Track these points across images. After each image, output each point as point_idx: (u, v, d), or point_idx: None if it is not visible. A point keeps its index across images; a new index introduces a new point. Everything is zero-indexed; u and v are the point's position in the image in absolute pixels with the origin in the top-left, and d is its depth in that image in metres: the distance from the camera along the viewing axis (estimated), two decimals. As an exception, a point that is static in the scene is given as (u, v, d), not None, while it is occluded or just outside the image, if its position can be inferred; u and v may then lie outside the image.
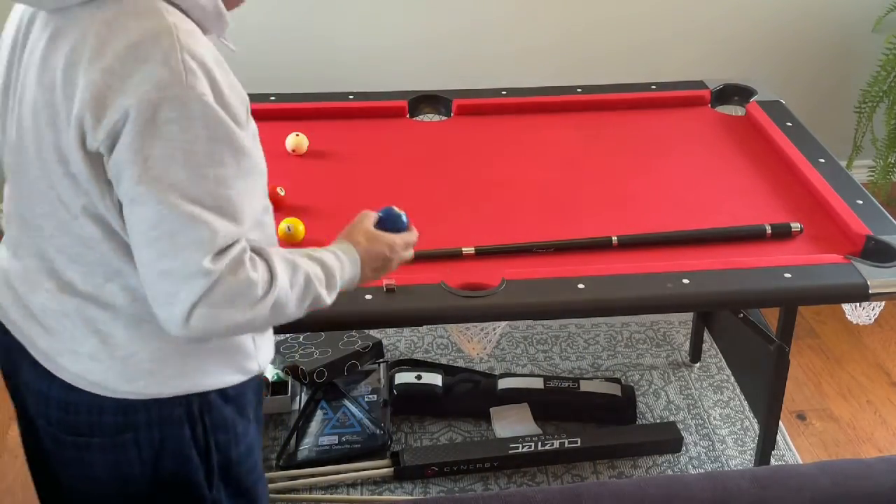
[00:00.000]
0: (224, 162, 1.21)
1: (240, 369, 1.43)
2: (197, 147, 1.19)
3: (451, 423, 2.66)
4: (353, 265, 1.47)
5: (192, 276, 1.20)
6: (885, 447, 2.64)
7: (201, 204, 1.19)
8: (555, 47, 3.36)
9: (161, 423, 1.38)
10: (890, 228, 2.03)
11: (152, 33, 1.18)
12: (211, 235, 1.20)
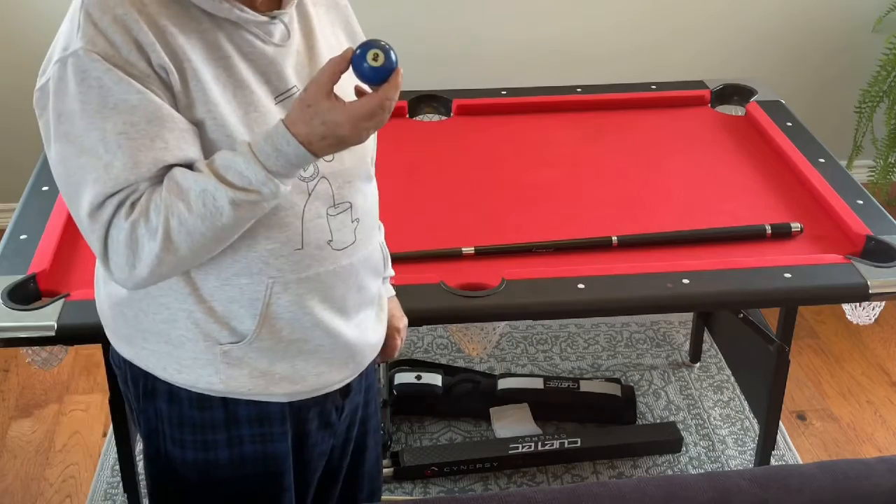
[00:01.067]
0: (115, 112, 1.19)
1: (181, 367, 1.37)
2: (90, 98, 1.19)
3: (451, 424, 2.66)
4: (277, 139, 1.21)
5: (89, 236, 1.24)
6: (885, 447, 2.64)
7: (92, 155, 1.20)
8: (555, 47, 3.36)
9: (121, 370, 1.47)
10: (890, 228, 2.03)
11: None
12: (95, 190, 1.21)
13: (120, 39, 1.18)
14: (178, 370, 1.36)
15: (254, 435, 1.42)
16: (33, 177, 2.20)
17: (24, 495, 2.45)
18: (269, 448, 1.43)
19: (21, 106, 3.25)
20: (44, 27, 3.15)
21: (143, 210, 1.20)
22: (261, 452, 1.43)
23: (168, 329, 1.34)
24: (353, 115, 1.21)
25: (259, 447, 1.43)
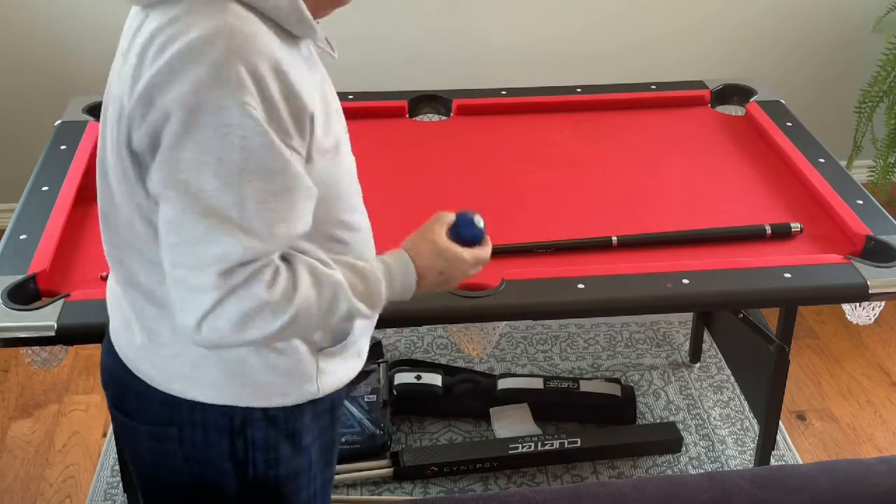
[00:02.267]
0: (257, 177, 1.15)
1: (290, 392, 1.38)
2: (231, 157, 1.13)
3: (451, 424, 2.66)
4: (407, 279, 1.37)
5: (202, 290, 1.16)
6: (885, 447, 2.64)
7: (224, 217, 1.14)
8: (555, 47, 3.36)
9: (205, 426, 1.37)
10: (890, 228, 2.03)
11: (207, 34, 1.13)
12: (226, 252, 1.15)
13: (277, 93, 1.14)
14: (284, 394, 1.38)
15: (324, 427, 1.47)
16: (33, 177, 2.20)
17: (23, 495, 2.45)
18: (333, 435, 1.51)
19: (21, 107, 3.26)
20: (43, 29, 3.15)
21: (281, 294, 1.19)
22: (331, 440, 1.50)
23: (277, 359, 1.35)
24: (475, 259, 1.47)
25: (329, 436, 1.49)
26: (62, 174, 2.19)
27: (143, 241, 1.28)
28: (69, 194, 2.13)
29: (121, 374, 1.40)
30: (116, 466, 2.32)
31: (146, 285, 1.32)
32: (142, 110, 1.16)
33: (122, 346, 1.39)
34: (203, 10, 1.16)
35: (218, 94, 1.12)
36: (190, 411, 1.36)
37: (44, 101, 3.14)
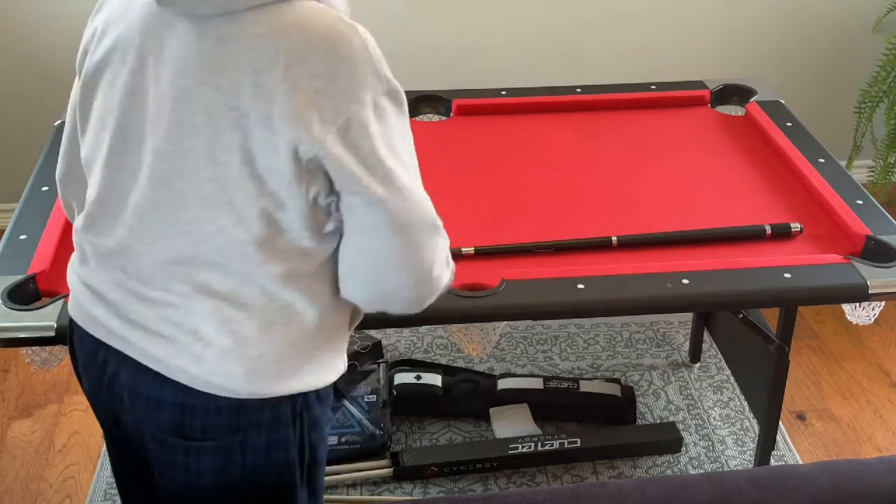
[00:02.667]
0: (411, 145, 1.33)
1: (334, 368, 1.44)
2: (405, 131, 1.30)
3: (451, 424, 2.66)
4: None
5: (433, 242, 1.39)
6: (885, 447, 2.64)
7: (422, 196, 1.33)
8: (555, 47, 3.36)
9: (269, 425, 1.39)
10: (890, 228, 2.03)
11: (341, 33, 1.24)
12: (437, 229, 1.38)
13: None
14: (332, 369, 1.43)
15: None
16: (33, 177, 2.20)
17: (23, 495, 2.45)
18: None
19: (21, 107, 3.26)
20: (44, 29, 3.15)
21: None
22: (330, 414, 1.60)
23: (336, 337, 1.42)
24: None
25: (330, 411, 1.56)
26: (62, 174, 2.19)
27: (241, 247, 1.28)
28: (69, 194, 2.12)
29: (179, 398, 1.36)
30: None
31: (222, 291, 1.31)
32: (307, 116, 1.22)
33: (184, 367, 1.34)
34: (317, 14, 1.27)
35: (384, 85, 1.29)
36: (258, 412, 1.37)
37: (44, 101, 3.14)
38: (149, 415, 1.40)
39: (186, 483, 1.42)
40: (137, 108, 1.30)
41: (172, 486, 1.45)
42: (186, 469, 1.41)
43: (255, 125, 1.21)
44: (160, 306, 1.35)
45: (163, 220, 1.31)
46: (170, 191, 1.29)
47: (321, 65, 1.20)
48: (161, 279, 1.34)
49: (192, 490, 1.43)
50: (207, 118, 1.23)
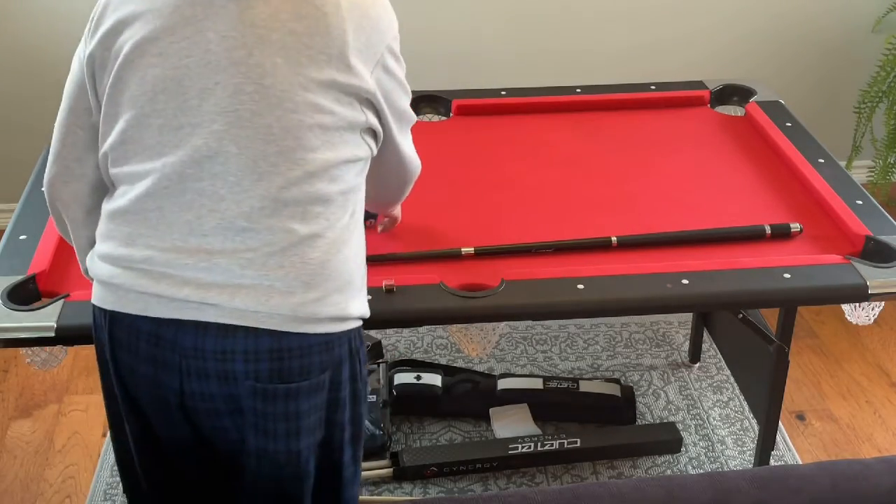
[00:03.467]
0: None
1: (364, 300, 1.54)
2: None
3: (451, 424, 2.66)
4: None
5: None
6: (885, 447, 2.64)
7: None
8: (555, 47, 3.36)
9: (343, 362, 1.47)
10: (889, 228, 2.03)
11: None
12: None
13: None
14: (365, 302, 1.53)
15: None
16: (33, 177, 2.20)
17: (23, 495, 2.45)
18: None
19: (21, 106, 3.26)
20: (43, 30, 3.15)
21: None
22: None
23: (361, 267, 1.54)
24: None
25: None
26: (62, 174, 2.19)
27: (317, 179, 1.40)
28: (69, 194, 2.12)
29: (276, 344, 1.40)
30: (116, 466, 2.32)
31: (303, 230, 1.39)
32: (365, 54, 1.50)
33: (273, 310, 1.38)
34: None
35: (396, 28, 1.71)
36: (339, 348, 1.45)
37: (44, 101, 3.14)
38: (247, 369, 1.41)
39: (286, 430, 1.46)
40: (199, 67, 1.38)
41: (270, 442, 1.46)
42: (286, 416, 1.44)
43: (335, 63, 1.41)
44: (236, 255, 1.39)
45: (251, 159, 1.38)
46: (255, 128, 1.37)
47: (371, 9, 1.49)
48: (249, 224, 1.39)
49: (291, 435, 1.46)
50: (286, 59, 1.37)
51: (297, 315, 1.39)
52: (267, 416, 1.45)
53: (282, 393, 1.43)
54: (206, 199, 1.39)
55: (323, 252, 1.41)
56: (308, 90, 1.38)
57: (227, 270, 1.39)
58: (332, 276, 1.43)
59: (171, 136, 1.39)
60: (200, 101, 1.38)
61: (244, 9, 1.37)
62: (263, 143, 1.37)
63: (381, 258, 1.98)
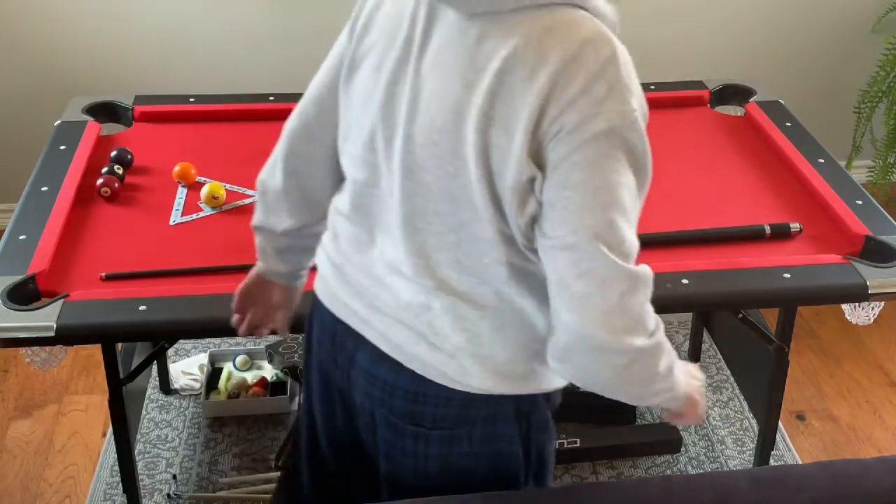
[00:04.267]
0: (629, 180, 1.23)
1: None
2: (621, 160, 1.20)
3: (451, 424, 2.66)
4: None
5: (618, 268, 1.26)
6: (885, 447, 2.64)
7: (629, 217, 1.22)
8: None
9: (494, 420, 1.41)
10: (889, 228, 2.03)
11: (595, 45, 1.18)
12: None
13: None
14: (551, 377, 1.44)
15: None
16: (33, 177, 2.20)
17: (23, 495, 2.45)
18: None
19: (21, 107, 3.26)
20: (44, 29, 3.15)
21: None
22: None
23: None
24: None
25: None
26: (62, 174, 2.19)
27: (479, 245, 1.29)
28: (69, 194, 2.13)
29: (412, 385, 1.39)
30: (116, 467, 2.32)
31: (460, 289, 1.33)
32: (538, 120, 1.19)
33: (419, 355, 1.37)
34: (577, 21, 1.21)
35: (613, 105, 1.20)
36: (486, 407, 1.39)
37: (44, 101, 3.14)
38: (383, 399, 1.42)
39: (413, 467, 1.45)
40: (397, 96, 1.31)
41: (398, 470, 1.47)
42: (415, 454, 1.44)
43: (493, 125, 1.21)
44: (400, 297, 1.37)
45: (409, 212, 1.33)
46: (417, 182, 1.30)
47: (562, 73, 1.16)
48: (407, 271, 1.36)
49: (418, 474, 1.45)
50: (455, 114, 1.24)
51: (437, 367, 1.37)
52: (396, 448, 1.45)
53: (411, 433, 1.42)
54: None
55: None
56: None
57: (393, 305, 1.39)
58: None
59: (371, 156, 1.39)
60: (392, 133, 1.36)
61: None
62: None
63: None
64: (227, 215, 2.15)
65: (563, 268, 1.21)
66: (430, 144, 1.26)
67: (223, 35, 3.17)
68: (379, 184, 1.36)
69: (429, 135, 1.26)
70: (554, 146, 1.18)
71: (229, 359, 2.79)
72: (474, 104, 1.21)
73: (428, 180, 1.28)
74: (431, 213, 1.30)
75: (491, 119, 1.20)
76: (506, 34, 1.19)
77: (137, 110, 2.52)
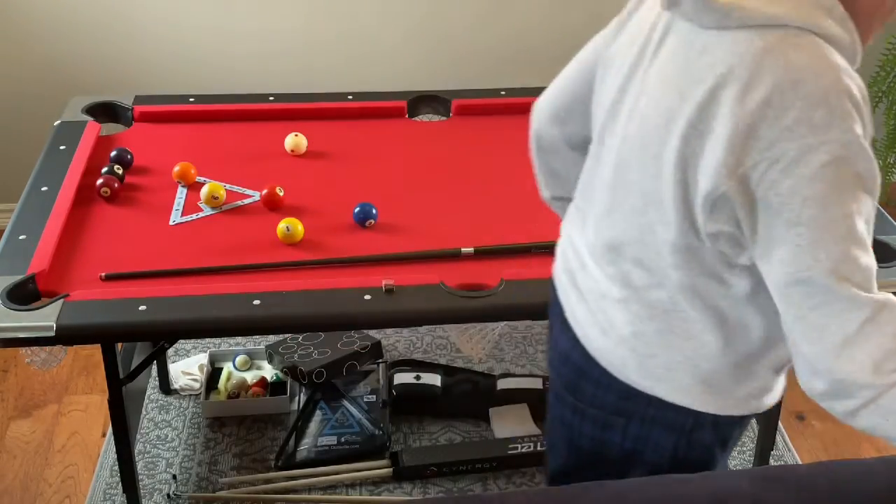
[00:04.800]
0: (860, 205, 1.18)
1: (745, 405, 1.44)
2: (850, 189, 1.16)
3: (450, 424, 2.66)
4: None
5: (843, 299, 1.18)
6: (885, 447, 2.64)
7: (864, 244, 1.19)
8: (554, 47, 3.35)
9: (653, 422, 1.44)
10: (889, 228, 2.03)
11: (815, 70, 1.14)
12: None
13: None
14: (739, 406, 1.44)
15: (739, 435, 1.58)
16: (33, 177, 2.20)
17: (23, 495, 2.45)
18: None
19: (21, 107, 3.26)
20: (44, 29, 3.15)
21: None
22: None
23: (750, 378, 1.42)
24: None
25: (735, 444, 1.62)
26: (61, 174, 2.19)
27: (659, 250, 1.32)
28: (68, 194, 2.13)
29: (581, 361, 1.46)
30: (115, 467, 2.32)
31: (637, 286, 1.37)
32: (746, 141, 1.17)
33: (591, 336, 1.44)
34: (800, 44, 1.17)
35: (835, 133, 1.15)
36: (645, 405, 1.42)
37: (44, 101, 3.14)
38: (558, 367, 1.53)
39: (568, 437, 1.54)
40: (626, 97, 1.36)
41: (556, 436, 1.59)
42: (571, 425, 1.52)
43: (698, 136, 1.22)
44: (592, 279, 1.44)
45: (611, 204, 1.38)
46: (622, 178, 1.35)
47: (777, 96, 1.14)
48: (599, 258, 1.42)
49: (572, 446, 1.55)
50: (665, 120, 1.26)
51: (603, 352, 1.43)
52: (557, 415, 1.57)
53: (570, 404, 1.51)
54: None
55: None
56: None
57: (584, 286, 1.47)
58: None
59: (599, 149, 1.45)
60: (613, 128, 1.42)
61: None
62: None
63: (381, 258, 1.98)
64: (227, 215, 2.15)
65: (799, 301, 1.18)
66: (640, 146, 1.31)
67: (223, 35, 3.17)
68: (597, 174, 1.42)
69: (640, 137, 1.31)
70: (773, 175, 1.16)
71: (229, 359, 2.79)
72: (684, 114, 1.23)
73: (631, 178, 1.33)
74: (628, 209, 1.35)
75: (697, 130, 1.21)
76: (725, 50, 1.20)
77: (137, 110, 2.52)
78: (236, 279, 1.94)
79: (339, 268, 1.98)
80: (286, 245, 2.04)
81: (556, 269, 1.56)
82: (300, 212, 2.13)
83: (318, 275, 1.95)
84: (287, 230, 2.03)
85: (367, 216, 2.08)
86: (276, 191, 2.15)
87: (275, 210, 2.15)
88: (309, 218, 2.10)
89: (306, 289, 1.89)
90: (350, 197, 2.15)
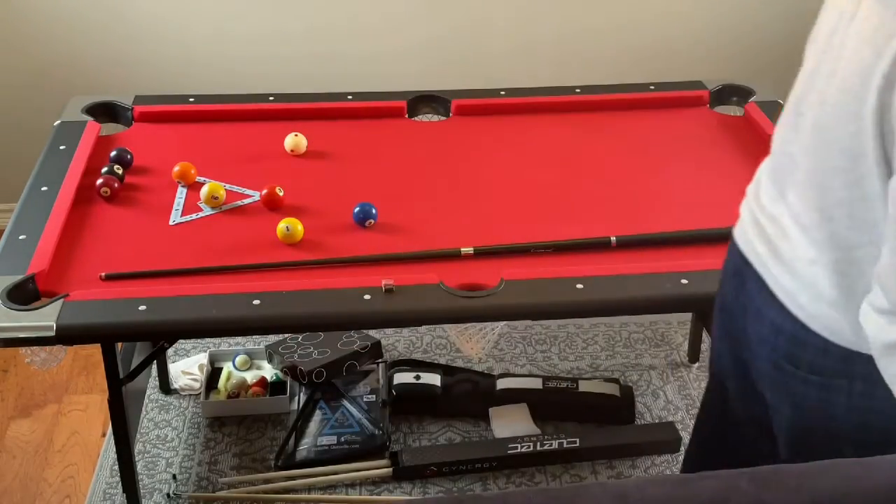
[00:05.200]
0: None
1: None
2: None
3: (450, 424, 2.66)
4: None
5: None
6: (884, 447, 2.64)
7: None
8: (554, 47, 3.36)
9: (875, 380, 1.43)
10: (889, 228, 2.03)
11: None
12: None
13: None
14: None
15: None
16: (33, 177, 2.20)
17: (23, 495, 2.45)
18: None
19: (21, 106, 3.26)
20: (44, 29, 3.15)
21: None
22: None
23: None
24: None
25: None
26: (61, 174, 2.19)
27: (870, 203, 1.34)
28: (68, 194, 2.13)
29: (795, 331, 1.48)
30: (115, 466, 2.32)
31: (847, 246, 1.39)
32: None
33: (803, 304, 1.46)
34: None
35: None
36: (866, 364, 1.42)
37: (44, 101, 3.14)
38: (769, 338, 1.53)
39: (793, 403, 1.55)
40: (823, 63, 1.41)
41: (779, 404, 1.58)
42: (794, 392, 1.53)
43: (893, 88, 1.27)
44: (800, 247, 1.46)
45: (814, 167, 1.41)
46: (822, 140, 1.38)
47: None
48: (806, 224, 1.44)
49: (797, 411, 1.55)
50: (862, 77, 1.30)
51: (818, 318, 1.45)
52: (776, 382, 1.56)
53: (790, 373, 1.52)
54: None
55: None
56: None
57: (788, 255, 1.48)
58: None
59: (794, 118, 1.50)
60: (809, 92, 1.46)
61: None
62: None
63: (381, 258, 1.99)
64: (227, 215, 2.15)
65: None
66: (839, 104, 1.34)
67: (223, 35, 3.17)
68: (794, 142, 1.46)
69: (839, 95, 1.35)
70: None
71: (229, 359, 2.79)
72: (879, 68, 1.27)
73: (832, 137, 1.36)
74: (831, 169, 1.37)
75: (891, 83, 1.26)
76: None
77: (137, 110, 2.52)
78: (236, 279, 1.94)
79: (339, 268, 1.98)
80: (286, 245, 2.04)
81: (750, 245, 1.58)
82: (300, 212, 2.13)
83: (317, 275, 1.95)
84: (287, 230, 2.03)
85: (367, 216, 2.08)
86: (275, 191, 2.16)
87: (274, 210, 2.15)
88: (309, 218, 2.10)
89: (306, 289, 1.89)
90: (350, 197, 2.15)
